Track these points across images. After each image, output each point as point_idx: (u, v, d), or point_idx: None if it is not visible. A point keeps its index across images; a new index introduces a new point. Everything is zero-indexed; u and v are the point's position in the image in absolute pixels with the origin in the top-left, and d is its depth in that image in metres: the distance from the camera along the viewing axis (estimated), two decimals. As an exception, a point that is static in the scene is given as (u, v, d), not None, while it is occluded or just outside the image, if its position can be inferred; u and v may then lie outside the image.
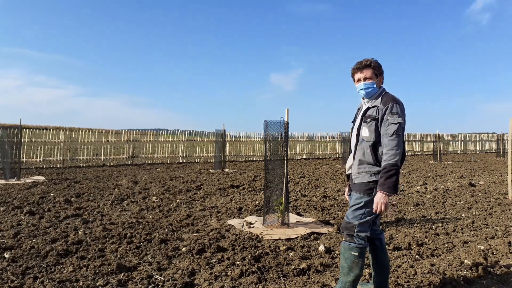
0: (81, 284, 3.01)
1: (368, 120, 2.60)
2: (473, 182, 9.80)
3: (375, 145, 2.57)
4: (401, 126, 2.49)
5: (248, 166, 15.27)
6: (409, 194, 7.88)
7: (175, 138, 17.63)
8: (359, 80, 2.69)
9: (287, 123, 5.07)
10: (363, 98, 2.75)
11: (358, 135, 2.69)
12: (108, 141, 15.84)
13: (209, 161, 17.01)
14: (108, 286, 3.01)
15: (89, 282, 3.04)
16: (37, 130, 22.40)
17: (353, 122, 2.86)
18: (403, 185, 9.30)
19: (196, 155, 17.30)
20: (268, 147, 5.10)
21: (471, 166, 15.59)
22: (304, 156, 20.56)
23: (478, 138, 30.47)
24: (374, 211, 2.49)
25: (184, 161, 16.78)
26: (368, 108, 2.66)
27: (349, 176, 2.81)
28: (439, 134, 20.13)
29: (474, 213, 5.97)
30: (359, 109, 2.86)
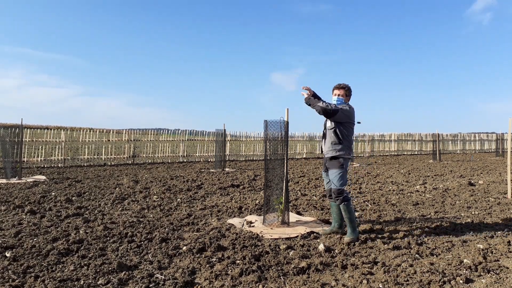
0: (82, 283, 3.03)
1: None
2: (472, 181, 9.82)
3: (335, 130, 4.36)
4: (329, 109, 4.27)
5: (248, 165, 15.30)
6: (409, 194, 7.89)
7: (176, 138, 17.66)
8: (336, 94, 4.53)
9: (287, 122, 5.09)
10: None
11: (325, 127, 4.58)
12: (109, 140, 15.87)
13: (209, 160, 17.04)
14: (109, 285, 3.03)
15: (90, 281, 3.07)
16: (38, 129, 22.46)
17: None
18: (403, 185, 9.32)
19: (197, 154, 17.32)
20: (268, 147, 5.11)
21: (470, 165, 15.61)
22: (304, 156, 20.59)
23: (477, 138, 30.48)
24: (301, 94, 4.48)
25: (185, 160, 16.81)
26: None
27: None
28: (438, 134, 20.13)
29: (473, 213, 5.99)
30: None
